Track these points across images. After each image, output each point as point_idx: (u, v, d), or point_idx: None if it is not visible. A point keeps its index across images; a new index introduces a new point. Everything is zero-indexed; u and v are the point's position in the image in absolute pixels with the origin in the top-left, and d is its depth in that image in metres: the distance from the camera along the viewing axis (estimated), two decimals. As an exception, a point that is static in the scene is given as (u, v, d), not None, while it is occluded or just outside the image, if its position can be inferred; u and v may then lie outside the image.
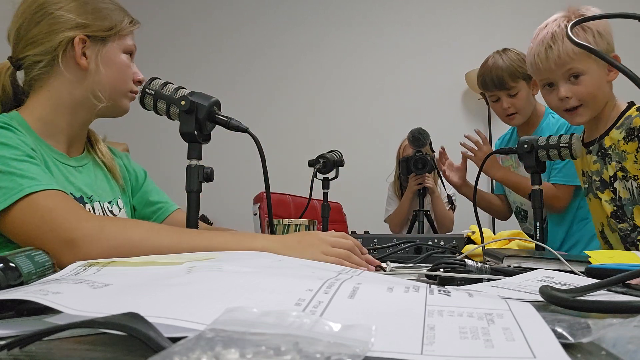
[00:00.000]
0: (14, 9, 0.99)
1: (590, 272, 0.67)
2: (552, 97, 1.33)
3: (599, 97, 1.29)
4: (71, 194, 0.95)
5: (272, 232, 0.92)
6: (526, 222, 1.86)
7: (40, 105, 0.97)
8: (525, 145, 1.23)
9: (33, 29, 0.96)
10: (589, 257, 0.80)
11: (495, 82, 1.77)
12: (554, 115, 1.81)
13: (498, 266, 0.76)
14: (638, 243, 1.28)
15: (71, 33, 0.95)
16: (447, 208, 2.39)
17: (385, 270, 0.84)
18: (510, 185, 1.78)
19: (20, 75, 1.00)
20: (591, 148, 1.35)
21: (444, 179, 2.03)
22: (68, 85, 0.97)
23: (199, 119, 0.91)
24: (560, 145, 1.21)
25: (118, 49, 1.01)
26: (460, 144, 1.82)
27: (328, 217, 1.52)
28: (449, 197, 2.36)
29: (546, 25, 1.31)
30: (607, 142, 1.30)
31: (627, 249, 1.31)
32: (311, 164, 1.53)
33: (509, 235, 1.25)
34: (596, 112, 1.31)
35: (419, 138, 2.11)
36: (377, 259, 0.96)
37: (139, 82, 1.05)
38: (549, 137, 1.24)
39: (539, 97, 1.71)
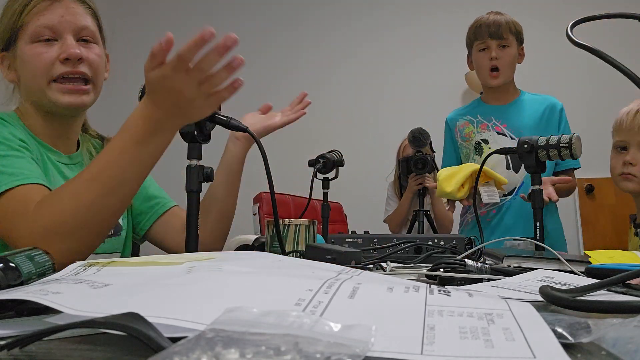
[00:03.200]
0: None
1: (590, 272, 0.67)
2: (618, 159, 1.36)
3: None
4: None
5: (278, 231, 0.92)
6: None
7: (25, 110, 0.99)
8: (526, 146, 1.23)
9: None
10: (589, 257, 0.80)
11: (492, 29, 1.75)
12: (532, 94, 1.85)
13: (498, 266, 0.76)
14: None
15: None
16: (447, 208, 2.39)
17: (385, 270, 0.84)
18: None
19: None
20: (639, 230, 1.37)
21: None
22: (23, 97, 0.98)
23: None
24: (561, 145, 1.21)
25: (24, 43, 0.92)
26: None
27: (328, 217, 1.52)
28: None
29: None
30: None
31: None
32: (311, 164, 1.53)
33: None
34: None
35: (419, 138, 2.11)
36: (377, 259, 0.96)
37: (67, 59, 0.92)
38: (549, 137, 1.24)
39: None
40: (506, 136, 1.76)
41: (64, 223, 0.75)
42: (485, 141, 1.80)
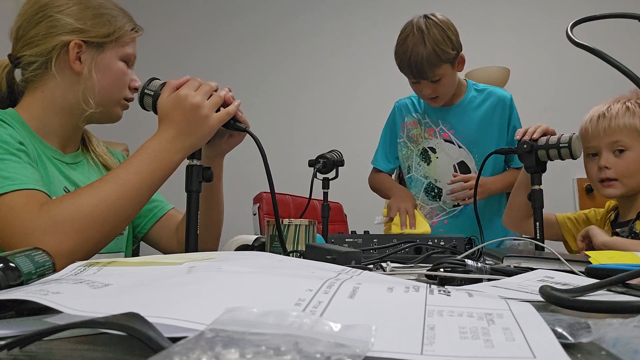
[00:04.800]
0: (17, 7, 0.99)
1: (590, 272, 0.67)
2: (592, 165, 1.35)
3: (638, 177, 1.30)
4: (65, 188, 0.97)
5: (280, 231, 0.92)
6: (439, 201, 1.75)
7: (34, 104, 0.98)
8: (525, 146, 1.23)
9: (32, 30, 0.96)
10: (589, 257, 0.80)
11: (414, 71, 1.56)
12: (478, 87, 1.75)
13: (498, 266, 0.76)
14: None
15: (67, 37, 0.95)
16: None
17: (385, 270, 0.84)
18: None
19: (18, 73, 1.01)
20: (618, 230, 1.34)
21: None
22: (61, 88, 0.97)
23: (198, 119, 0.90)
24: (561, 145, 1.20)
25: (115, 56, 1.00)
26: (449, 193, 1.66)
27: (328, 217, 1.52)
28: None
29: (603, 103, 1.37)
30: (637, 226, 1.28)
31: None
32: (311, 164, 1.53)
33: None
34: (630, 191, 1.31)
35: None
36: (377, 259, 0.96)
37: (136, 89, 1.05)
38: (549, 137, 1.24)
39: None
40: (453, 144, 1.71)
41: (81, 217, 0.77)
42: (433, 150, 1.74)
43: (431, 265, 0.75)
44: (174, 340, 0.26)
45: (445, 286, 0.54)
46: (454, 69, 1.62)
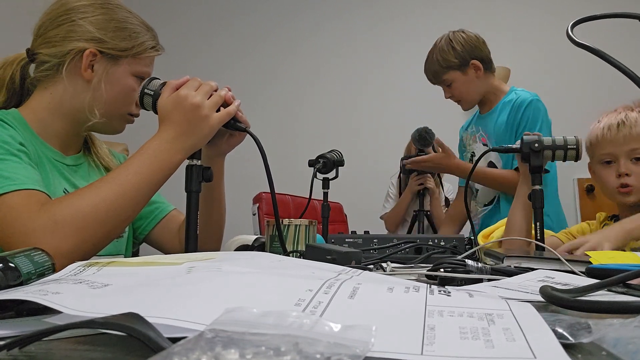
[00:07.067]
0: (45, 6, 1.00)
1: (590, 273, 0.67)
2: (609, 173, 1.34)
3: None
4: (65, 190, 0.97)
5: (280, 231, 0.92)
6: (475, 200, 1.90)
7: (40, 105, 0.98)
8: (537, 145, 1.20)
9: (52, 30, 0.97)
10: (590, 257, 0.80)
11: (429, 77, 1.87)
12: (517, 92, 1.83)
13: (498, 266, 0.76)
14: None
15: (84, 44, 0.96)
16: (444, 211, 2.39)
17: (385, 271, 0.83)
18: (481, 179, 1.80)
19: (31, 72, 1.01)
20: None
21: (444, 181, 2.06)
22: (69, 93, 0.98)
23: (198, 119, 0.90)
24: (568, 147, 1.18)
25: (128, 71, 1.00)
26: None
27: (328, 217, 1.52)
28: (447, 199, 2.37)
29: (615, 110, 1.37)
30: None
31: None
32: (311, 164, 1.53)
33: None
34: None
35: (425, 137, 2.10)
36: (377, 259, 0.96)
37: None
38: (554, 137, 1.22)
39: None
40: (488, 147, 1.80)
41: (80, 217, 0.77)
42: (474, 154, 1.91)
43: (431, 265, 0.75)
44: (174, 340, 0.26)
45: (446, 286, 0.54)
46: (465, 74, 1.79)
